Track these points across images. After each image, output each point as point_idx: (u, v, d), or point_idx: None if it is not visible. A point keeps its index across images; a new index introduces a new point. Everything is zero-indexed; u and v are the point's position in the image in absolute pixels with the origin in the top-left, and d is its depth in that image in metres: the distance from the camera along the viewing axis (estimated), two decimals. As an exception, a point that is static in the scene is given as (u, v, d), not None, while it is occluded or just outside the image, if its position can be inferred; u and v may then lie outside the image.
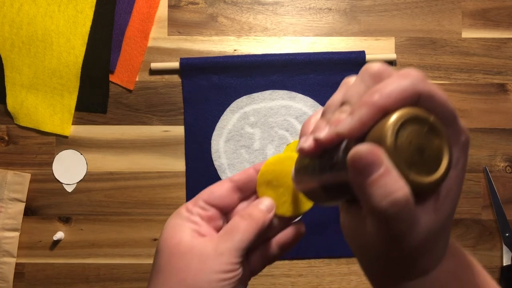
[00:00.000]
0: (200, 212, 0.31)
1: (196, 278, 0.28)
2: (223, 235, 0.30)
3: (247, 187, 0.33)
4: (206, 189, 0.32)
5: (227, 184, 0.32)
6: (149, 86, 0.68)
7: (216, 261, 0.28)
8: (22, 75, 0.68)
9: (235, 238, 0.29)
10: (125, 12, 0.68)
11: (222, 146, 0.67)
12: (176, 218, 0.31)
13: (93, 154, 0.68)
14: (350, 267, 0.67)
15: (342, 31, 0.68)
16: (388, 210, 0.20)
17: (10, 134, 0.68)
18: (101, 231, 0.67)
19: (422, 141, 0.21)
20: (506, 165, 0.67)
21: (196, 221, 0.31)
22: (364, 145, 0.20)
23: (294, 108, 0.67)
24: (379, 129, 0.21)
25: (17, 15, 0.67)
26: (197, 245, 0.29)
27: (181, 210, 0.32)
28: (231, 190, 0.32)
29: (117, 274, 0.67)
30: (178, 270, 0.28)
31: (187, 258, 0.29)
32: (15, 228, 0.67)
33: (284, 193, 0.32)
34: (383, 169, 0.20)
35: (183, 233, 0.30)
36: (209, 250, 0.29)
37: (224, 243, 0.29)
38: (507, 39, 0.68)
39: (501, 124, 0.68)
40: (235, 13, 0.69)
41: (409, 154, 0.21)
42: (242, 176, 0.33)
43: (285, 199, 0.32)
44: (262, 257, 0.33)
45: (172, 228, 0.30)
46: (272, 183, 0.32)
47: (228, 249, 0.29)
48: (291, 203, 0.32)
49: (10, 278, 0.66)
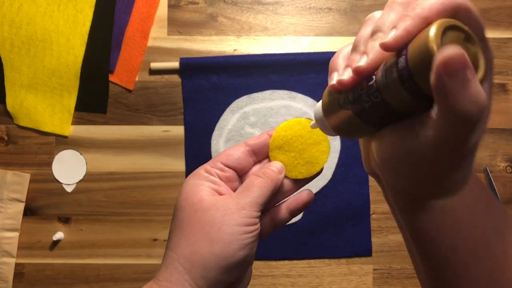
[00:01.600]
0: (218, 173, 0.33)
1: (220, 230, 0.30)
2: (243, 192, 0.32)
3: (261, 151, 0.35)
4: (223, 151, 0.35)
5: (243, 148, 0.35)
6: (149, 86, 0.68)
7: (239, 214, 0.30)
8: (22, 75, 0.67)
9: (254, 194, 0.31)
10: (125, 12, 0.68)
11: (222, 146, 0.67)
12: (195, 178, 0.33)
13: (92, 154, 0.68)
14: (350, 267, 0.66)
15: (343, 30, 0.68)
16: (474, 113, 0.21)
17: (9, 134, 0.68)
18: (101, 231, 0.67)
19: (462, 46, 0.22)
20: (506, 165, 0.67)
21: (215, 181, 0.33)
22: (452, 47, 0.20)
23: (294, 108, 0.67)
24: (423, 37, 0.21)
25: (17, 15, 0.67)
26: (219, 201, 0.31)
27: (199, 171, 0.33)
28: (246, 153, 0.35)
29: (117, 274, 0.67)
30: (203, 224, 0.30)
31: (211, 212, 0.30)
32: (15, 228, 0.67)
33: (295, 157, 0.35)
34: (471, 73, 0.20)
35: (204, 192, 0.32)
36: (231, 205, 0.31)
37: (245, 199, 0.31)
38: (507, 39, 0.68)
39: (501, 124, 0.67)
40: (235, 13, 0.69)
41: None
42: (256, 141, 0.35)
43: (296, 162, 0.35)
44: (273, 220, 0.35)
45: (193, 187, 0.32)
46: (284, 148, 0.35)
47: (248, 203, 0.31)
48: (301, 166, 0.35)
49: (9, 278, 0.66)
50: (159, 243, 0.67)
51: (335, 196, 0.66)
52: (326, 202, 0.67)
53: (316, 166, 0.35)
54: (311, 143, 0.35)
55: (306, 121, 0.35)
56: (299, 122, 0.35)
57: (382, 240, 0.66)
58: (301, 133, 0.35)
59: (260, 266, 0.67)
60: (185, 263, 0.30)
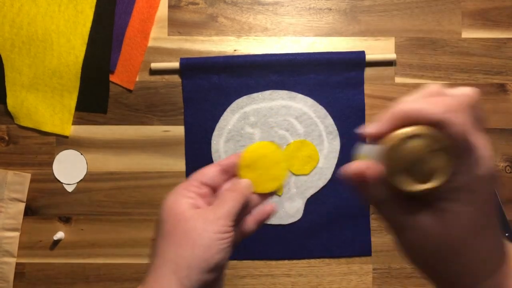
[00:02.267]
0: (195, 190, 0.38)
1: (201, 236, 0.35)
2: (219, 204, 0.37)
3: (231, 170, 0.40)
4: (198, 171, 0.39)
5: (216, 167, 0.40)
6: (149, 86, 0.68)
7: (216, 223, 0.35)
8: (22, 75, 0.68)
9: (228, 206, 0.37)
10: (125, 12, 0.68)
11: (222, 146, 0.67)
12: (175, 195, 0.37)
13: (93, 154, 0.68)
14: (350, 267, 0.67)
15: (342, 31, 0.69)
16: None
17: (10, 134, 0.69)
18: (101, 231, 0.67)
19: (423, 156, 0.25)
20: (506, 165, 0.67)
21: (192, 197, 0.37)
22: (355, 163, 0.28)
23: (294, 108, 0.67)
24: (394, 134, 0.26)
25: (18, 15, 0.67)
26: (198, 213, 0.36)
27: (178, 189, 0.38)
28: (219, 172, 0.40)
29: (117, 274, 0.67)
30: (186, 232, 0.35)
31: (192, 222, 0.35)
32: (15, 228, 0.67)
33: (261, 174, 0.41)
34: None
35: (184, 206, 0.36)
36: (209, 216, 0.36)
37: (220, 210, 0.36)
38: (507, 39, 0.68)
39: (501, 124, 0.68)
40: (235, 13, 0.69)
41: (407, 160, 0.26)
42: (227, 161, 0.40)
43: (262, 179, 0.41)
44: (243, 229, 0.40)
45: (173, 203, 0.37)
46: (251, 167, 0.40)
47: (224, 214, 0.36)
48: (266, 182, 0.41)
49: (10, 278, 0.66)
50: (159, 243, 0.67)
51: (334, 196, 0.67)
52: (326, 202, 0.67)
53: (278, 182, 0.41)
54: (273, 163, 0.41)
55: (269, 144, 0.41)
56: (264, 146, 0.41)
57: (382, 240, 0.67)
58: (265, 154, 0.41)
59: (260, 266, 0.67)
60: (172, 265, 0.34)
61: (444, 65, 0.68)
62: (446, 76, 0.68)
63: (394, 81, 0.68)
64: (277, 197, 0.67)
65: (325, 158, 0.67)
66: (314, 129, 0.67)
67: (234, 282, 0.67)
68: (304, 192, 0.67)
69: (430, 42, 0.68)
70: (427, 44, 0.68)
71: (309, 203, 0.67)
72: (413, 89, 0.68)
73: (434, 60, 0.68)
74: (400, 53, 0.68)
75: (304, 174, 0.67)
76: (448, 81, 0.68)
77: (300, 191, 0.67)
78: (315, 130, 0.67)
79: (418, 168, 0.26)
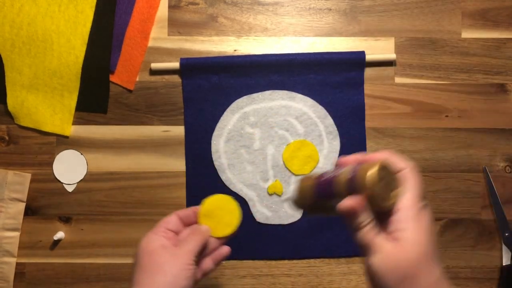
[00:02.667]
0: (163, 234, 0.48)
1: (170, 267, 0.44)
2: (184, 244, 0.47)
3: (189, 219, 0.51)
4: (162, 220, 0.49)
5: (176, 217, 0.50)
6: (149, 86, 0.68)
7: (182, 257, 0.45)
8: (23, 75, 0.68)
9: (191, 245, 0.47)
10: (125, 12, 0.68)
11: (222, 146, 0.67)
12: (147, 238, 0.47)
13: (93, 154, 0.68)
14: (350, 267, 0.67)
15: (342, 31, 0.69)
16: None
17: (10, 134, 0.69)
18: (101, 231, 0.67)
19: (389, 179, 0.37)
20: (505, 165, 0.67)
21: (161, 239, 0.47)
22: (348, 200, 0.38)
23: (294, 108, 0.67)
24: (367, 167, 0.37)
25: (18, 15, 0.67)
26: (168, 249, 0.46)
27: (150, 234, 0.48)
28: (178, 220, 0.50)
29: (117, 274, 0.67)
30: (158, 264, 0.45)
31: (164, 256, 0.45)
32: (16, 228, 0.67)
33: (217, 222, 0.51)
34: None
35: (156, 245, 0.46)
36: (177, 252, 0.46)
37: (185, 248, 0.46)
38: (506, 39, 0.68)
39: (501, 124, 0.68)
40: (235, 13, 0.69)
41: (380, 185, 0.36)
42: (184, 212, 0.50)
43: (218, 226, 0.51)
44: (202, 268, 0.49)
45: (147, 243, 0.47)
46: (208, 216, 0.51)
47: (188, 251, 0.46)
48: (222, 228, 0.51)
49: (10, 278, 0.66)
50: (159, 243, 0.67)
51: (335, 196, 0.67)
52: (326, 202, 0.67)
53: (231, 228, 0.51)
54: (227, 212, 0.52)
55: (223, 197, 0.52)
56: (219, 198, 0.52)
57: (382, 239, 0.67)
58: (220, 206, 0.52)
59: (260, 266, 0.67)
60: None
61: (444, 65, 0.68)
62: (446, 76, 0.68)
63: (394, 81, 0.68)
64: (277, 197, 0.67)
65: (325, 158, 0.67)
66: (314, 129, 0.67)
67: (234, 282, 0.67)
68: (304, 192, 0.67)
69: (430, 42, 0.68)
70: (427, 44, 0.68)
71: (309, 203, 0.67)
72: (413, 89, 0.68)
73: (434, 60, 0.68)
74: (400, 53, 0.68)
75: (304, 174, 0.67)
76: (448, 81, 0.68)
77: (300, 191, 0.67)
78: (315, 130, 0.67)
79: (387, 190, 0.37)
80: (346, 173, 0.38)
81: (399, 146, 0.68)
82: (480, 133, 0.67)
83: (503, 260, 0.66)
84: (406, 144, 0.68)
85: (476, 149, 0.67)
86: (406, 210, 0.36)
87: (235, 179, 0.67)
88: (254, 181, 0.67)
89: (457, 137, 0.68)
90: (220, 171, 0.67)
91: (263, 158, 0.67)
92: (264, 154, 0.67)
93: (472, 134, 0.67)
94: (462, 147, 0.67)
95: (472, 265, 0.66)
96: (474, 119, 0.68)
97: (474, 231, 0.67)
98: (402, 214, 0.36)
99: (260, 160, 0.67)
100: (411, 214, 0.36)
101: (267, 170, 0.67)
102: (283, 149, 0.67)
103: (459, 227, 0.67)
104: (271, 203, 0.67)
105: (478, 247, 0.67)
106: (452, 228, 0.67)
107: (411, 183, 0.37)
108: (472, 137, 0.67)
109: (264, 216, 0.67)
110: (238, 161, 0.67)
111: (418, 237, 0.35)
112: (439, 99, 0.68)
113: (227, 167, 0.67)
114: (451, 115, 0.68)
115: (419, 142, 0.68)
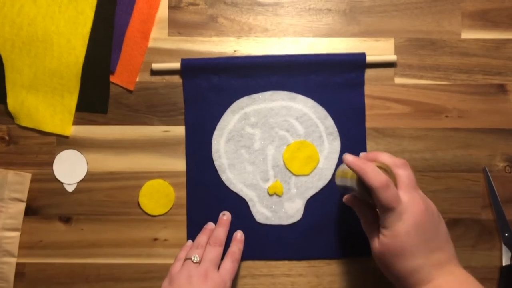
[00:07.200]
0: None
1: None
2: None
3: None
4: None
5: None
6: (149, 87, 0.68)
7: None
8: (23, 76, 0.68)
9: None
10: (125, 12, 0.68)
11: (222, 146, 0.67)
12: None
13: (93, 154, 0.68)
14: (350, 267, 0.67)
15: (342, 32, 0.69)
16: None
17: (10, 134, 0.69)
18: (101, 231, 0.67)
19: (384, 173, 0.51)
20: (505, 165, 0.67)
21: None
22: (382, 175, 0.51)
23: (295, 109, 0.67)
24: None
25: (18, 16, 0.67)
26: None
27: None
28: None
29: (118, 274, 0.67)
30: None
31: None
32: (16, 228, 0.67)
33: (154, 203, 0.66)
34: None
35: None
36: None
37: None
38: (506, 40, 0.68)
39: (501, 124, 0.68)
40: (235, 14, 0.69)
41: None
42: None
43: (154, 206, 0.66)
44: None
45: None
46: (147, 196, 0.66)
47: None
48: (157, 208, 0.66)
49: (10, 278, 0.66)
50: (159, 243, 0.67)
51: (334, 196, 0.67)
52: (326, 203, 0.67)
53: (166, 208, 0.66)
54: (163, 195, 0.66)
55: (161, 182, 0.66)
56: (159, 183, 0.66)
57: (382, 240, 0.67)
58: (159, 189, 0.66)
59: (260, 266, 0.67)
60: None
61: (444, 66, 0.68)
62: (445, 77, 0.68)
63: (394, 82, 0.68)
64: (277, 198, 0.67)
65: (325, 159, 0.67)
66: (315, 130, 0.67)
67: (234, 282, 0.67)
68: (304, 193, 0.67)
69: (429, 43, 0.68)
70: (426, 44, 0.68)
71: (309, 203, 0.67)
72: (412, 89, 0.68)
73: (434, 60, 0.68)
74: (400, 54, 0.68)
75: (304, 175, 0.67)
76: (448, 82, 0.68)
77: (300, 191, 0.67)
78: (316, 131, 0.67)
79: None
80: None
81: (399, 146, 0.68)
82: (480, 133, 0.68)
83: (503, 260, 0.66)
84: (406, 144, 0.68)
85: (476, 149, 0.67)
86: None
87: (235, 179, 0.67)
88: (254, 181, 0.67)
89: (457, 137, 0.68)
90: (220, 171, 0.67)
91: (264, 159, 0.67)
92: (264, 155, 0.67)
93: (472, 134, 0.68)
94: (462, 147, 0.68)
95: (472, 265, 0.66)
96: (474, 119, 0.68)
97: (474, 231, 0.67)
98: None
99: (261, 160, 0.67)
100: (399, 210, 0.49)
101: (268, 170, 0.67)
102: (284, 149, 0.67)
103: (458, 227, 0.67)
104: (271, 203, 0.67)
105: (477, 247, 0.67)
106: (451, 228, 0.67)
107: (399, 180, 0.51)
108: (472, 137, 0.67)
109: (264, 216, 0.67)
110: (238, 161, 0.67)
111: (400, 229, 0.49)
112: (439, 100, 0.68)
113: (228, 167, 0.67)
114: (451, 115, 0.68)
115: (419, 142, 0.68)
